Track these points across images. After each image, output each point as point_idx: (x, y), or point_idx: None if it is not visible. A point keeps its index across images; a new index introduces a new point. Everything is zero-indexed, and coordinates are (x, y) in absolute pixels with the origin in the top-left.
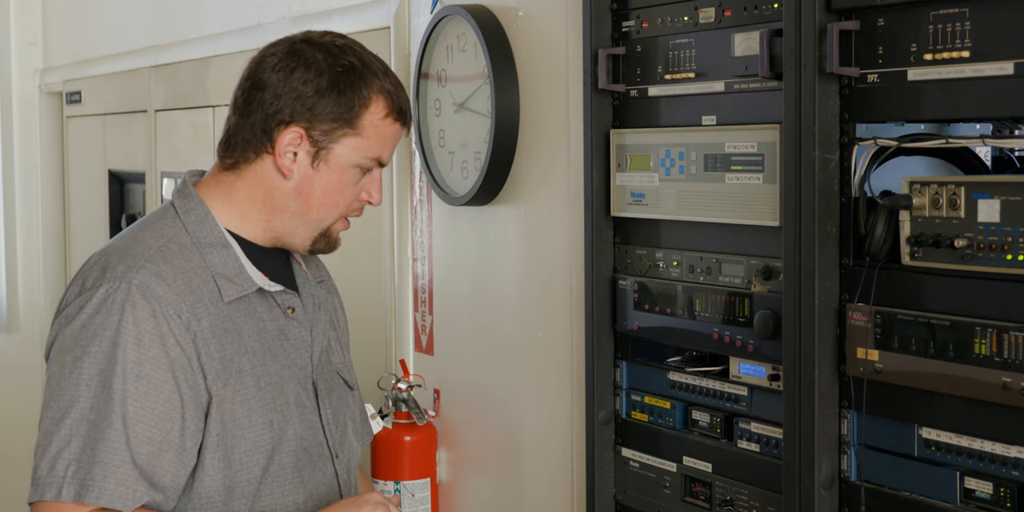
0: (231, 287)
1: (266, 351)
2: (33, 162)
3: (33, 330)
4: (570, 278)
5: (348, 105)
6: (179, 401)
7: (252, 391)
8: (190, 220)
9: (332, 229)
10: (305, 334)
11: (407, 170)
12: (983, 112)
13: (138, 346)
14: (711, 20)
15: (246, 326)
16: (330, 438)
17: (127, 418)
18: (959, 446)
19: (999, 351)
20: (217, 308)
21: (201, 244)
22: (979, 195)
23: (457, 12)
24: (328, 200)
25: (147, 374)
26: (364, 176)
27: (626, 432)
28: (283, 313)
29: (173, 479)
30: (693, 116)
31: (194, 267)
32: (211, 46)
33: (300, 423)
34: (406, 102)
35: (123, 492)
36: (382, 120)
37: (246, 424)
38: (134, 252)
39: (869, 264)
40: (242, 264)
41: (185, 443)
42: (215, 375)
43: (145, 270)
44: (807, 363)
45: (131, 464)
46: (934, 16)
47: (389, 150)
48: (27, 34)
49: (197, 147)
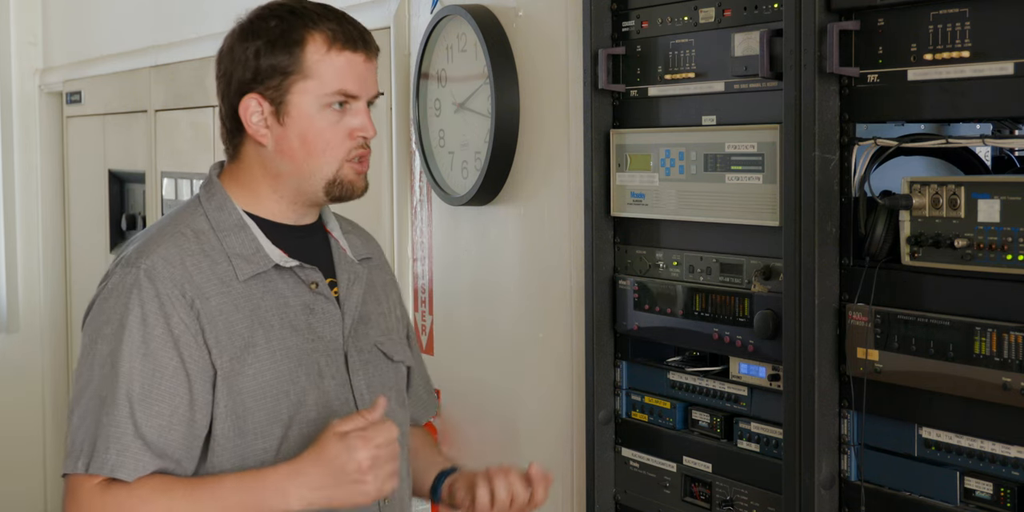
0: (246, 265)
1: (286, 325)
2: (33, 162)
3: (33, 330)
4: (570, 278)
5: (285, 53)
6: (185, 377)
7: (266, 364)
8: (211, 207)
9: (340, 175)
10: (333, 308)
11: (407, 170)
12: (983, 112)
13: (143, 325)
14: (711, 20)
15: (264, 302)
16: (361, 408)
17: (132, 394)
18: (959, 446)
19: (999, 351)
20: (231, 287)
21: (219, 228)
22: (979, 195)
23: (457, 12)
24: (312, 148)
25: (152, 352)
26: (344, 115)
27: (626, 432)
28: (308, 288)
29: (187, 451)
30: (693, 116)
31: (207, 250)
32: (211, 46)
33: (324, 393)
34: (351, 30)
35: (124, 461)
36: (325, 54)
37: (259, 395)
38: (151, 240)
39: (869, 264)
40: (259, 244)
41: (195, 416)
42: (220, 350)
43: (154, 255)
44: (807, 363)
45: (133, 436)
46: (934, 16)
47: (352, 80)
48: (27, 34)
49: (197, 147)
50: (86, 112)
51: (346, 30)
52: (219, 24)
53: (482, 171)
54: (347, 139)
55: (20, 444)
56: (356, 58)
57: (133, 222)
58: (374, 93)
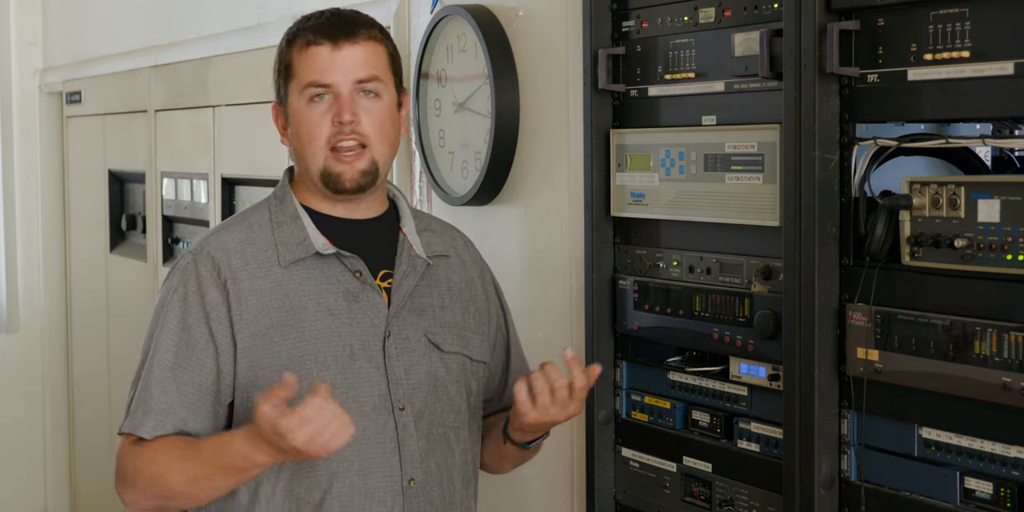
0: (288, 252)
1: (322, 308)
2: (33, 162)
3: (33, 330)
4: (570, 278)
5: (280, 61)
6: (214, 350)
7: (291, 341)
8: (275, 201)
9: (327, 165)
10: (377, 296)
11: (407, 170)
12: (983, 112)
13: (184, 303)
14: (711, 20)
15: (302, 287)
16: (395, 391)
17: (167, 364)
18: (959, 446)
19: (999, 351)
20: (270, 271)
21: (276, 220)
22: (979, 195)
23: (457, 12)
24: (304, 141)
25: (188, 326)
26: (328, 107)
27: (626, 432)
28: (352, 276)
29: (213, 418)
30: (693, 116)
31: (256, 238)
32: (211, 46)
33: (353, 374)
34: (325, 24)
35: (146, 422)
36: (299, 52)
37: (279, 370)
38: (213, 230)
39: (869, 264)
40: (307, 233)
41: (220, 386)
42: (243, 325)
43: (208, 242)
44: (807, 363)
45: (158, 400)
46: (934, 16)
47: (320, 70)
48: (27, 34)
49: (197, 147)
50: (86, 112)
51: (321, 25)
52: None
53: (482, 171)
54: (330, 127)
55: (20, 444)
56: (322, 49)
57: (133, 222)
58: (353, 79)
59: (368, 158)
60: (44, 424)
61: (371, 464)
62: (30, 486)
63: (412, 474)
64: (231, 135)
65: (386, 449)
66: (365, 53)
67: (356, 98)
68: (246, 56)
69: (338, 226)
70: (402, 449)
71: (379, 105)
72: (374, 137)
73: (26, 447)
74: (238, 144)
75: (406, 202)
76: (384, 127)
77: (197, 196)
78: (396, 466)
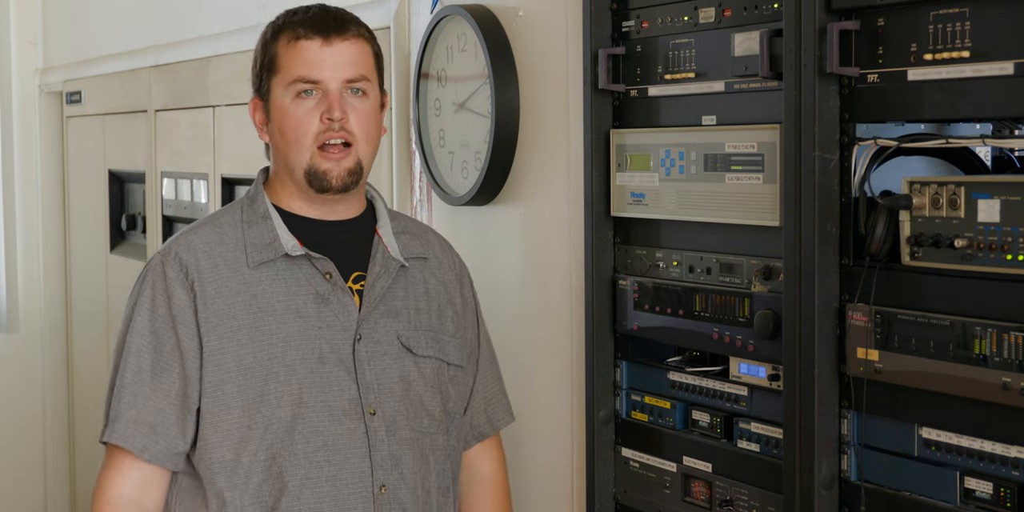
0: (257, 253)
1: (290, 311)
2: (33, 162)
3: (33, 330)
4: (570, 278)
5: (264, 54)
6: (179, 356)
7: (259, 345)
8: (247, 201)
9: (313, 163)
10: (348, 298)
11: (407, 170)
12: (983, 112)
13: (152, 306)
14: (711, 20)
15: (270, 289)
16: (365, 395)
17: (140, 367)
18: (959, 446)
19: (999, 351)
20: (238, 273)
21: (247, 220)
22: (979, 195)
23: (457, 12)
24: (289, 137)
25: (156, 330)
26: (317, 103)
27: (626, 432)
28: (323, 278)
29: (182, 424)
30: (693, 116)
31: (225, 239)
32: (211, 46)
33: (322, 377)
34: (315, 19)
35: (117, 429)
36: (286, 46)
37: (247, 374)
38: (185, 231)
39: (869, 264)
40: (277, 234)
41: (187, 390)
42: (208, 328)
43: (176, 244)
44: (807, 363)
45: (128, 406)
46: (934, 16)
47: (309, 66)
48: (27, 34)
49: (197, 147)
50: (86, 112)
51: (310, 20)
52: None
53: (482, 171)
54: (318, 124)
55: (20, 444)
56: (312, 44)
57: (133, 222)
58: (343, 76)
59: (354, 157)
60: (44, 424)
61: (341, 470)
62: (30, 486)
63: (383, 480)
64: (231, 135)
65: (356, 455)
66: (355, 51)
67: (344, 95)
68: (246, 56)
69: (313, 227)
70: (373, 455)
71: (366, 104)
72: (360, 136)
73: (26, 447)
74: (238, 144)
75: (384, 203)
76: (370, 126)
77: (197, 196)
78: (367, 472)
